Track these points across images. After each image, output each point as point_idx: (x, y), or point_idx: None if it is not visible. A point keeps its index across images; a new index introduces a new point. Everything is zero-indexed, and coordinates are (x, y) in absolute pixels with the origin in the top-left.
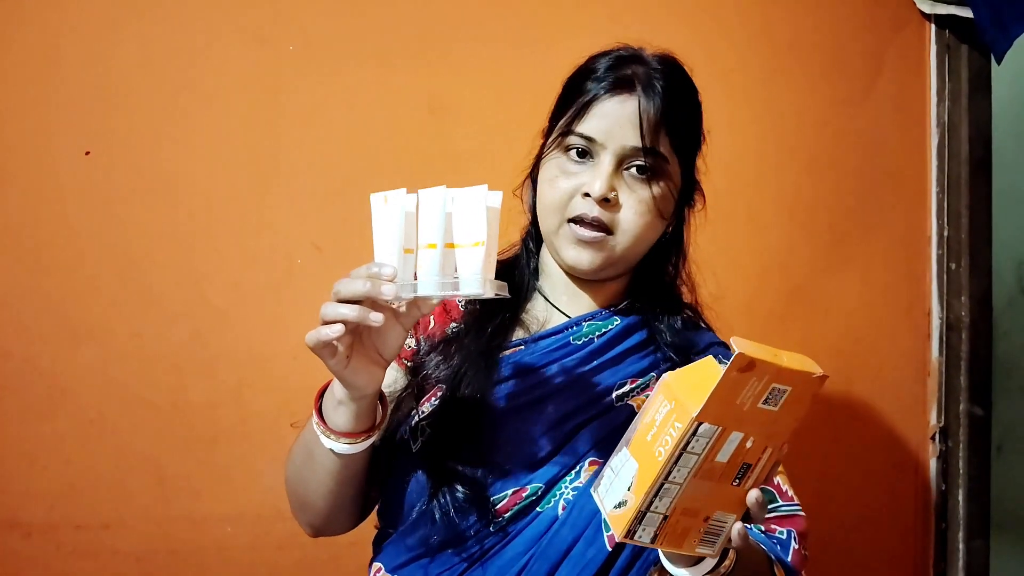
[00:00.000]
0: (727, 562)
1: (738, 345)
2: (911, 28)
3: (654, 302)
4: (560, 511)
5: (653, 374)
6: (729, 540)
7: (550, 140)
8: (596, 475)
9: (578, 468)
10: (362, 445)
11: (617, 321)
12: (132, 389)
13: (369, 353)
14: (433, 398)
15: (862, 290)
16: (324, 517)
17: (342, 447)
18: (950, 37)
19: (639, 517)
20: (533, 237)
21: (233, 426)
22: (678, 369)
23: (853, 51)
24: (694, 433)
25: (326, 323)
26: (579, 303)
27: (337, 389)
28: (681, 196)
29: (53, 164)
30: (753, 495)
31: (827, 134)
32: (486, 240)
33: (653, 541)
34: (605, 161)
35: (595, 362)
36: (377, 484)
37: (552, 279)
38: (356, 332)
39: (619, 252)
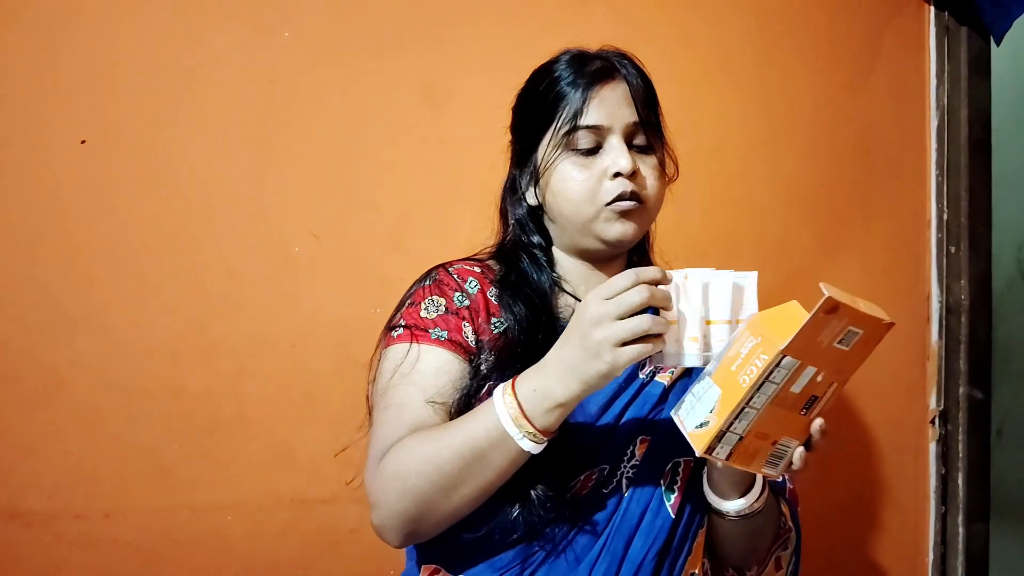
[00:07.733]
0: (764, 495)
1: (827, 290)
2: (909, 10)
3: None
4: (625, 490)
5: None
6: (790, 464)
7: (550, 145)
8: (647, 454)
9: (632, 448)
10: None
11: None
12: (130, 378)
13: None
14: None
15: (861, 274)
16: (449, 521)
17: (539, 447)
18: (949, 19)
19: (719, 436)
20: (539, 240)
21: (232, 415)
22: (764, 311)
23: (851, 33)
24: (777, 365)
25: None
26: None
27: (562, 392)
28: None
29: (49, 153)
30: (818, 423)
31: (825, 117)
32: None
33: (728, 459)
34: (616, 141)
35: None
36: None
37: (567, 272)
38: None
39: (648, 218)
